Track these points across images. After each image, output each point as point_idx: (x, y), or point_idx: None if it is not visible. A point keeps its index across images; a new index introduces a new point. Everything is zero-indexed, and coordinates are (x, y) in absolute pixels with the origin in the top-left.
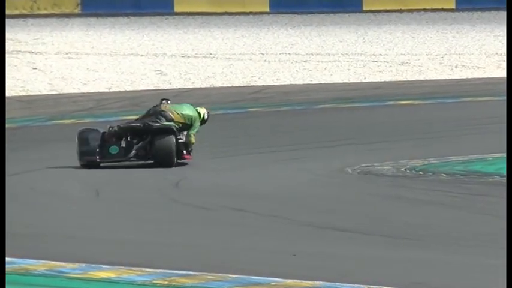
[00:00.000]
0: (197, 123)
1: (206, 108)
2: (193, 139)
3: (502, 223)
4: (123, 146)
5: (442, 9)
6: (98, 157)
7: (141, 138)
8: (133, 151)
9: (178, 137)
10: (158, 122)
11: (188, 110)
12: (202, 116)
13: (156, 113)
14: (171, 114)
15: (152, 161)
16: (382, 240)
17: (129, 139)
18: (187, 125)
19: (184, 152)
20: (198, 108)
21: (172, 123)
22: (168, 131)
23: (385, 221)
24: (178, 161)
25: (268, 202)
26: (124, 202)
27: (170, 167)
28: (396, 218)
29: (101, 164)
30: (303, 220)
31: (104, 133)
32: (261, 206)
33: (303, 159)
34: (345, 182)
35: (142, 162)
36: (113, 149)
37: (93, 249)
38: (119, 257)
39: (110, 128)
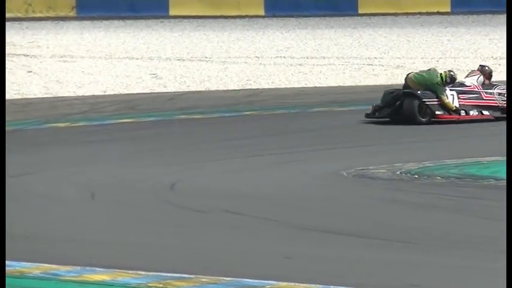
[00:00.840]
0: (436, 86)
1: (449, 71)
2: (445, 99)
3: (498, 226)
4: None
5: (438, 13)
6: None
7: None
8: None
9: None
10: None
11: (424, 77)
12: (441, 78)
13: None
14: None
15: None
16: (377, 243)
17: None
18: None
19: (440, 112)
20: (439, 72)
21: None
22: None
23: (380, 224)
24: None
25: (262, 205)
26: (119, 204)
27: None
28: (391, 221)
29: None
30: (298, 223)
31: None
32: (255, 208)
33: (298, 163)
34: (340, 185)
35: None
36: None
37: (88, 252)
38: (114, 260)
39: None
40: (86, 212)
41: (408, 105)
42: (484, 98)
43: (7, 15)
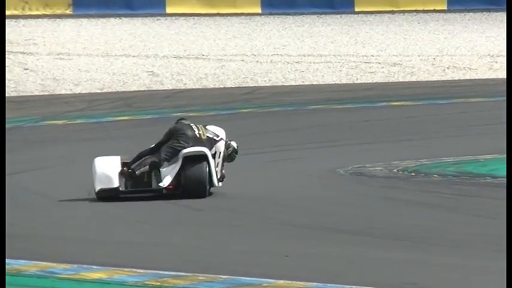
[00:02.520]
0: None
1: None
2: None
3: (495, 224)
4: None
5: (434, 10)
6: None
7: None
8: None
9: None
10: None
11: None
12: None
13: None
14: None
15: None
16: (374, 241)
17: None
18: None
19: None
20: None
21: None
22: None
23: (377, 222)
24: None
25: (260, 203)
26: (116, 203)
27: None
28: (388, 219)
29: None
30: (295, 221)
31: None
32: (253, 207)
33: (295, 160)
34: (337, 183)
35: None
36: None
37: (85, 250)
38: (111, 258)
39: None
40: (83, 211)
41: None
42: None
43: None
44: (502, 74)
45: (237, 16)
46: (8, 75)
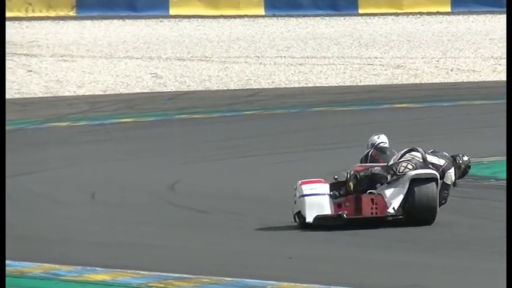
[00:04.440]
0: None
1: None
2: None
3: (498, 226)
4: None
5: (438, 13)
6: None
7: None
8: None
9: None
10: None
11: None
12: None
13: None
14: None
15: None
16: (376, 243)
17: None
18: None
19: None
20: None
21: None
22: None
23: (380, 224)
24: None
25: (263, 205)
26: (119, 205)
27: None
28: (387, 222)
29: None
30: (298, 223)
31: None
32: (256, 209)
33: (298, 162)
34: None
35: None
36: None
37: (89, 251)
38: (115, 260)
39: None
40: (86, 212)
41: None
42: None
43: (7, 14)
44: (506, 77)
45: (241, 18)
46: (11, 77)
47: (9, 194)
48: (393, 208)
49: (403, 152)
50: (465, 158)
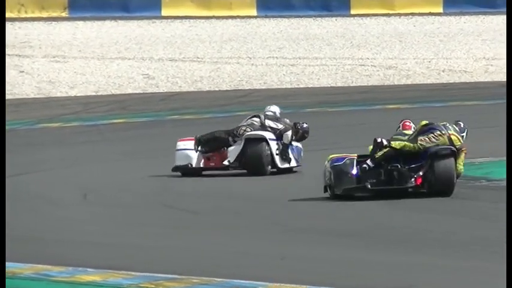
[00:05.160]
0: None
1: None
2: None
3: (491, 226)
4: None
5: (430, 13)
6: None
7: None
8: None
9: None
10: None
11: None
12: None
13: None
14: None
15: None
16: (372, 244)
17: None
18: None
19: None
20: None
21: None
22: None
23: (375, 226)
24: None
25: (257, 206)
26: (112, 205)
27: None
28: (385, 223)
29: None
30: (292, 223)
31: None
32: (249, 209)
33: None
34: None
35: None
36: None
37: (80, 252)
38: (106, 261)
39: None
40: (79, 213)
41: None
42: None
43: None
44: (498, 77)
45: (233, 19)
46: None
47: (6, 194)
48: (228, 161)
49: (248, 117)
50: (304, 125)
